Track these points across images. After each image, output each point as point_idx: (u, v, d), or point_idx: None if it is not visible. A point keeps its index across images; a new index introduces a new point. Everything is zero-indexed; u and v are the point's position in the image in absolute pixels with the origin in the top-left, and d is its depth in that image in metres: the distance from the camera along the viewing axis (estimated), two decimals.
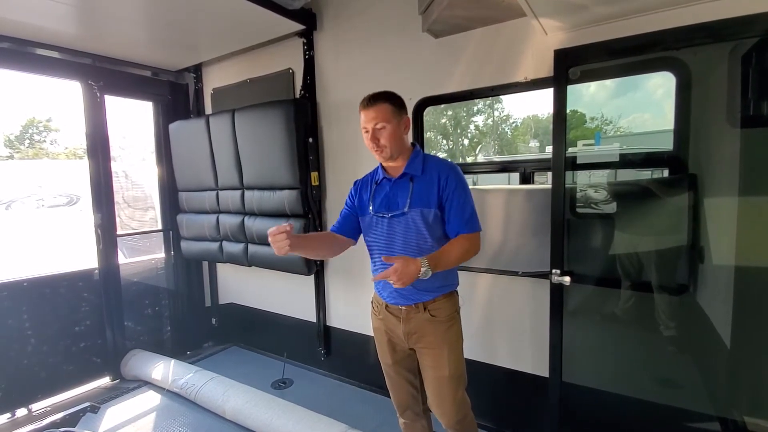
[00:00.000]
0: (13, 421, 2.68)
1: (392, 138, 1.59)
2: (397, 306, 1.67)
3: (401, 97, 1.67)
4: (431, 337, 1.64)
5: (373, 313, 1.81)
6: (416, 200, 1.61)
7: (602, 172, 2.59)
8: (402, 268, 1.40)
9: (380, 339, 1.78)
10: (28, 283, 2.80)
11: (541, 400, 2.16)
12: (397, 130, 1.60)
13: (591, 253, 2.27)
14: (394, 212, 1.64)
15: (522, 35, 2.05)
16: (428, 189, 1.61)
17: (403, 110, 1.65)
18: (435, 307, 1.64)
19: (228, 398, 2.56)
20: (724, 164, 1.88)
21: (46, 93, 25.56)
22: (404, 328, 1.66)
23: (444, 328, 1.64)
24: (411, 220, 1.60)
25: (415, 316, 1.64)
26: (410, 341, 1.68)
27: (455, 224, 1.59)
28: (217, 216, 3.20)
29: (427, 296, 1.63)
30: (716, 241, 1.90)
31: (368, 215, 1.70)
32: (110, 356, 3.17)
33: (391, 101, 1.61)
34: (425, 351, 1.66)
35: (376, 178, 1.75)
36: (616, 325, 2.20)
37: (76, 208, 9.57)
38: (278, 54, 3.00)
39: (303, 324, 3.19)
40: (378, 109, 1.58)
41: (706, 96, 1.89)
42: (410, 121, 1.68)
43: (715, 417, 1.89)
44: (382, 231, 1.67)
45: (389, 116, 1.58)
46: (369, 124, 1.59)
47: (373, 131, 1.59)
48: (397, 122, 1.61)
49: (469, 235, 1.58)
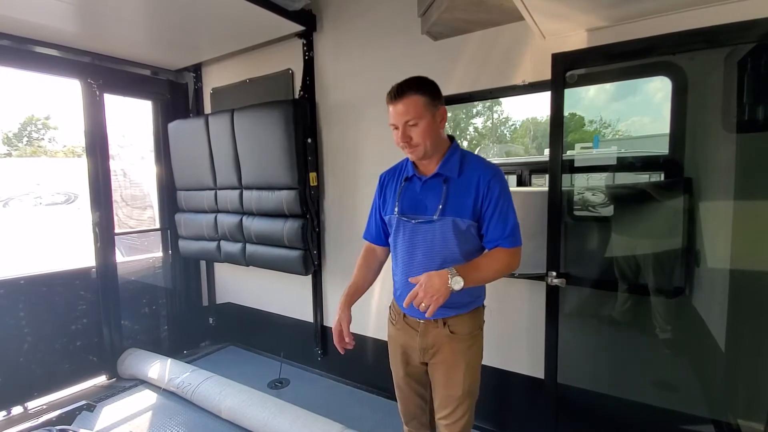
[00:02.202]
0: (9, 419, 2.67)
1: (427, 134, 1.36)
2: (416, 319, 1.52)
3: (435, 84, 1.41)
4: (448, 354, 1.48)
5: (390, 320, 1.66)
6: (449, 207, 1.39)
7: (600, 175, 2.61)
8: (426, 282, 1.27)
9: (394, 350, 1.64)
10: (25, 281, 2.79)
11: (536, 402, 2.17)
12: (432, 124, 1.37)
13: (587, 256, 2.28)
14: (422, 218, 1.43)
15: (520, 39, 2.06)
16: (465, 195, 1.39)
17: (438, 100, 1.39)
18: (455, 322, 1.47)
19: (224, 398, 2.56)
20: (720, 168, 1.89)
21: (45, 91, 25.48)
22: (421, 343, 1.51)
23: (464, 347, 1.47)
24: (439, 229, 1.40)
25: (434, 331, 1.48)
26: (425, 356, 1.53)
27: (494, 236, 1.39)
28: (215, 215, 3.20)
29: (449, 312, 1.45)
30: (712, 244, 1.91)
31: (392, 216, 1.51)
32: (107, 355, 3.17)
33: (424, 91, 1.36)
34: (439, 367, 1.51)
35: (405, 174, 1.52)
36: (612, 327, 2.21)
37: (74, 207, 9.54)
38: (278, 54, 3.01)
39: (300, 324, 3.19)
40: (408, 103, 1.34)
41: (702, 101, 1.90)
42: (446, 112, 1.44)
43: (709, 420, 1.89)
44: (404, 237, 1.48)
45: (422, 110, 1.34)
46: (399, 121, 1.37)
47: (403, 128, 1.36)
48: (432, 115, 1.37)
49: (510, 249, 1.39)
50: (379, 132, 2.62)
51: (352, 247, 2.83)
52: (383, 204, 1.58)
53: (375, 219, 1.64)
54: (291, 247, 2.80)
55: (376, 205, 1.64)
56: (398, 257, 1.53)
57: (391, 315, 1.67)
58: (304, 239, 2.72)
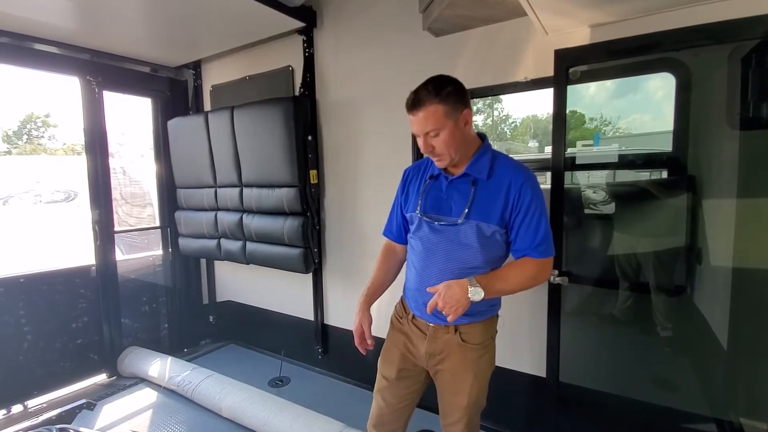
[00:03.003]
0: (9, 417, 2.67)
1: (450, 143, 1.29)
2: (426, 322, 1.45)
3: (457, 84, 1.31)
4: (457, 363, 1.42)
5: (395, 317, 1.59)
6: (475, 211, 1.32)
7: (601, 173, 2.60)
8: (445, 292, 1.22)
9: (391, 351, 1.56)
10: (24, 279, 2.79)
11: (538, 400, 2.17)
12: (454, 131, 1.28)
13: (589, 254, 2.27)
14: (445, 220, 1.36)
15: (522, 35, 2.04)
16: (493, 199, 1.31)
17: (459, 104, 1.29)
18: (468, 330, 1.40)
19: (225, 396, 2.55)
20: (723, 166, 1.89)
21: (44, 88, 25.46)
22: (428, 348, 1.44)
23: (475, 356, 1.41)
24: (463, 233, 1.32)
25: (444, 337, 1.41)
26: (431, 362, 1.46)
27: (523, 245, 1.31)
28: (215, 213, 3.19)
29: (463, 319, 1.36)
30: (714, 242, 1.91)
31: (413, 214, 1.44)
32: (107, 353, 3.16)
33: (443, 97, 1.26)
34: (446, 375, 1.45)
35: (430, 171, 1.45)
36: (614, 325, 2.21)
37: (73, 205, 9.54)
38: (278, 51, 2.99)
39: (301, 322, 3.19)
40: (427, 113, 1.26)
41: (706, 97, 1.89)
42: (471, 112, 1.34)
43: (711, 418, 1.89)
44: (424, 237, 1.41)
45: (442, 119, 1.26)
46: (419, 132, 1.30)
47: (425, 138, 1.30)
48: (454, 122, 1.28)
49: (539, 260, 1.29)
50: (380, 129, 2.61)
51: (352, 245, 2.82)
52: (405, 201, 1.51)
53: (396, 216, 1.56)
54: (291, 245, 2.79)
55: (398, 202, 1.56)
56: (415, 257, 1.46)
57: (396, 313, 1.60)
58: (305, 237, 2.72)
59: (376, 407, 1.61)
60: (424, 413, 2.33)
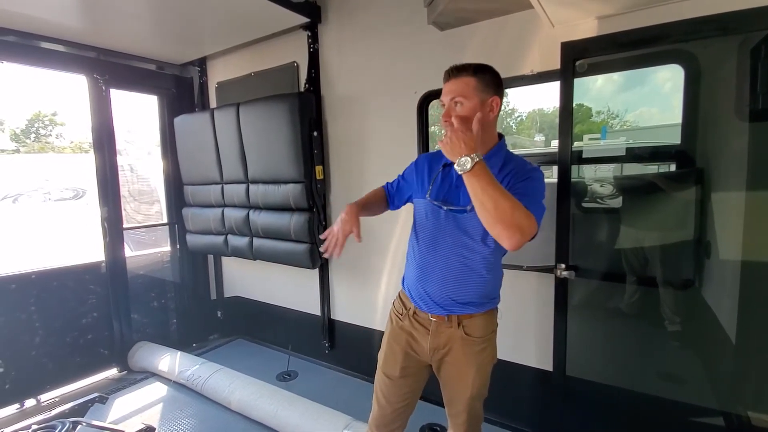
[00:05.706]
0: (22, 411, 2.72)
1: (469, 117, 1.28)
2: (428, 316, 1.46)
3: (495, 72, 1.35)
4: (460, 356, 1.44)
5: (394, 315, 1.58)
6: None
7: (608, 167, 2.58)
8: (453, 135, 1.19)
9: (393, 349, 1.55)
10: (36, 275, 2.83)
11: (544, 394, 2.17)
12: (478, 108, 1.29)
13: (596, 248, 2.26)
14: (454, 206, 1.38)
15: (529, 28, 2.03)
16: None
17: (491, 88, 1.32)
18: (470, 323, 1.43)
19: (234, 390, 2.59)
20: (732, 158, 1.86)
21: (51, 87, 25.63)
22: (432, 342, 1.46)
23: (477, 349, 1.44)
24: (470, 221, 1.33)
25: (447, 331, 1.44)
26: (435, 356, 1.48)
27: None
28: (222, 210, 3.21)
29: (465, 310, 1.41)
30: (723, 235, 1.89)
31: (424, 200, 1.45)
32: (117, 348, 3.21)
33: (479, 74, 1.30)
34: (449, 367, 1.47)
35: (445, 160, 1.45)
36: (621, 319, 2.20)
37: (82, 202, 9.65)
38: (283, 47, 3.00)
39: (307, 317, 3.21)
40: (459, 82, 1.30)
41: (715, 89, 1.87)
42: (500, 105, 1.35)
43: (719, 411, 1.88)
44: (431, 223, 1.42)
45: (471, 91, 1.29)
46: (446, 98, 1.32)
47: (448, 107, 1.31)
48: (480, 101, 1.30)
49: (530, 214, 1.15)
50: (385, 124, 2.60)
51: (356, 240, 2.82)
52: (418, 186, 1.50)
53: (399, 183, 1.61)
54: (298, 241, 2.80)
55: (403, 176, 1.60)
56: (419, 243, 1.46)
57: (395, 309, 1.59)
58: (311, 233, 2.73)
59: (378, 407, 1.61)
60: (429, 406, 2.35)
